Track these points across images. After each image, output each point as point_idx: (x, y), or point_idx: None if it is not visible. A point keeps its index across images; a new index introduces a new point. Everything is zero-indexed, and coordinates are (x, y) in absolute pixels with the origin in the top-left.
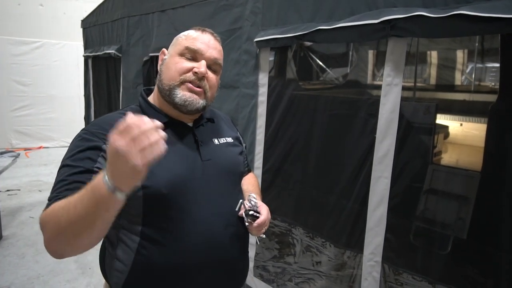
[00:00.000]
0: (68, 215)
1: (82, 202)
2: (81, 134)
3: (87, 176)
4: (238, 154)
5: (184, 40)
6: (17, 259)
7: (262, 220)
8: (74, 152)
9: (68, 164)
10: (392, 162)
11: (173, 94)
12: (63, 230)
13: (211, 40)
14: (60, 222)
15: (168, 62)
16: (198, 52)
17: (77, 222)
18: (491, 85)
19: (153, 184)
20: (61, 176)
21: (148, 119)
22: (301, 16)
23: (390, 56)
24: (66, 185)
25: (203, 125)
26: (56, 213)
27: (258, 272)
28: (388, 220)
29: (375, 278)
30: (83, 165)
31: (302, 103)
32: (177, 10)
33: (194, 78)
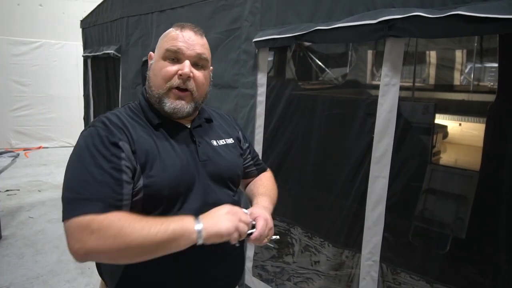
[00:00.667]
0: (144, 237)
1: (166, 233)
2: (95, 131)
3: (117, 176)
4: (238, 156)
5: (165, 42)
6: (16, 259)
7: (256, 236)
8: (94, 149)
9: (92, 163)
10: (390, 162)
11: (162, 103)
12: (127, 246)
13: (191, 37)
14: (129, 239)
15: (154, 68)
16: (179, 52)
17: (150, 248)
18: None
19: (153, 184)
20: (86, 175)
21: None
22: (300, 16)
23: (388, 56)
24: (98, 186)
25: (201, 125)
26: (122, 228)
27: (257, 271)
28: (386, 219)
29: (373, 278)
30: (111, 165)
31: (301, 103)
32: (176, 10)
33: (180, 82)
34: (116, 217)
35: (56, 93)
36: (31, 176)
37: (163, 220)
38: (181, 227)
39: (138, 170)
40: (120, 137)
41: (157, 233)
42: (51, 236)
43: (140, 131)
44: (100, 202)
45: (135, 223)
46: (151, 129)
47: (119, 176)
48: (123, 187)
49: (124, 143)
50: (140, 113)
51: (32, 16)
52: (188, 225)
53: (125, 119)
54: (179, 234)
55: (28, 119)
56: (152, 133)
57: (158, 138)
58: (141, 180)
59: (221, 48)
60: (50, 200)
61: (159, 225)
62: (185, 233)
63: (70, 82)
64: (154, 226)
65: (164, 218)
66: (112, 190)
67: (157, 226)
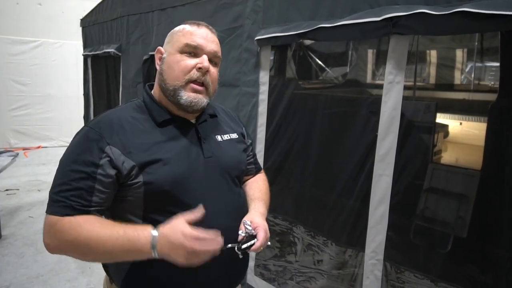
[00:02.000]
0: (98, 247)
1: (122, 248)
2: (86, 133)
3: (89, 183)
4: (242, 151)
5: (182, 36)
6: (16, 259)
7: (257, 247)
8: (78, 153)
9: (71, 166)
10: (393, 160)
11: (178, 95)
12: (82, 252)
13: (208, 34)
14: (84, 248)
15: (169, 60)
16: (199, 48)
17: (105, 257)
18: (491, 84)
19: (155, 181)
20: (64, 177)
21: (218, 240)
22: (302, 14)
23: (392, 54)
24: (70, 190)
25: (206, 121)
26: (80, 235)
27: (259, 271)
28: (390, 218)
29: (377, 277)
30: (86, 170)
31: (303, 101)
32: (177, 9)
33: (199, 75)
34: (77, 223)
35: (55, 93)
36: (30, 175)
37: (120, 233)
38: (135, 244)
39: (136, 169)
40: (110, 141)
41: (112, 247)
42: None
43: (141, 130)
44: (68, 206)
45: (93, 232)
46: (155, 126)
47: (91, 184)
48: (93, 194)
49: (113, 146)
50: (144, 110)
51: (31, 15)
52: (141, 242)
53: (124, 118)
54: (133, 247)
55: (27, 119)
56: (156, 130)
57: (162, 135)
58: (141, 177)
59: (223, 46)
60: None
61: (114, 239)
62: (139, 248)
63: (69, 82)
64: (110, 240)
65: (122, 231)
66: (81, 197)
67: (112, 240)
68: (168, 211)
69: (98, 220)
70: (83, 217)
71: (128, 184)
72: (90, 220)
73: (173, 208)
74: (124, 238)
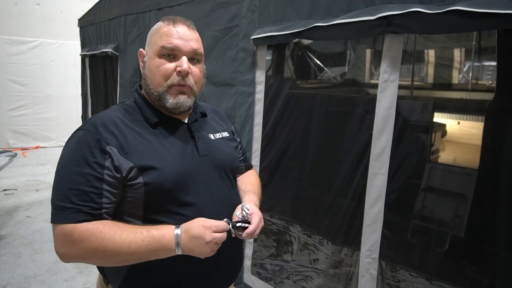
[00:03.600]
0: (123, 250)
1: (146, 248)
2: (83, 135)
3: (98, 185)
4: (234, 149)
5: (159, 38)
6: (14, 259)
7: (251, 230)
8: (79, 156)
9: (75, 170)
10: (389, 159)
11: (163, 100)
12: (108, 259)
13: (185, 32)
14: (109, 253)
15: (150, 65)
16: (176, 49)
17: (131, 259)
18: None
19: (155, 181)
20: (69, 183)
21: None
22: (298, 13)
23: (386, 53)
24: (78, 195)
25: (197, 120)
26: (103, 241)
27: (255, 270)
28: (385, 217)
29: (373, 275)
30: (92, 173)
31: (300, 101)
32: (174, 8)
33: (180, 79)
34: (98, 229)
35: (54, 93)
36: (29, 175)
37: (144, 234)
38: (160, 242)
39: (135, 170)
40: (109, 141)
41: (138, 248)
42: (49, 235)
43: (136, 131)
44: (79, 212)
45: (116, 236)
46: (148, 127)
47: (100, 185)
48: (102, 196)
49: (112, 147)
50: (136, 111)
51: (30, 15)
52: (166, 239)
53: (118, 119)
54: (159, 247)
55: (25, 119)
56: (149, 131)
57: (156, 135)
58: (141, 178)
59: (219, 45)
60: (47, 200)
61: (140, 240)
62: (164, 246)
63: (68, 82)
64: (135, 241)
65: (145, 232)
66: (91, 200)
67: (138, 242)
68: (168, 211)
69: (115, 224)
70: (101, 223)
71: (128, 185)
72: (108, 224)
73: (173, 208)
74: (150, 238)
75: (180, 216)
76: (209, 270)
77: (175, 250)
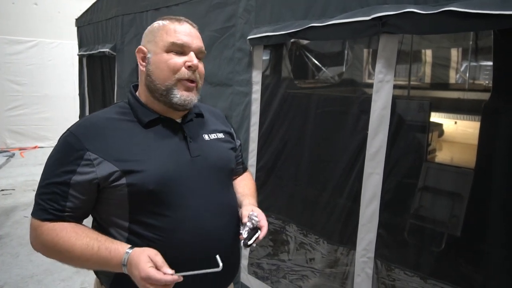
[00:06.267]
0: (73, 257)
1: (96, 263)
2: (66, 137)
3: (63, 189)
4: (229, 150)
5: (165, 34)
6: (11, 259)
7: (263, 236)
8: (57, 157)
9: (50, 170)
10: (384, 159)
11: (171, 94)
12: (60, 258)
13: (192, 30)
14: (61, 256)
15: (157, 61)
16: (185, 46)
17: (80, 264)
18: (485, 83)
19: (138, 182)
20: (44, 180)
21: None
22: (294, 13)
23: (381, 53)
24: (46, 194)
25: (192, 120)
26: (56, 243)
27: (252, 269)
28: (381, 216)
29: (368, 274)
30: (61, 176)
31: (296, 101)
32: (171, 8)
33: (190, 74)
34: (55, 231)
35: (52, 93)
36: (26, 175)
37: (95, 250)
38: (110, 267)
39: (118, 172)
40: (90, 147)
41: (87, 261)
42: None
43: (125, 132)
44: (44, 210)
45: (69, 243)
46: (140, 128)
47: (66, 189)
48: (67, 200)
49: (91, 152)
50: (129, 112)
51: (27, 14)
52: (114, 261)
53: (108, 120)
54: (107, 262)
55: (23, 119)
56: (140, 132)
57: (147, 136)
58: (124, 179)
59: (216, 46)
60: None
61: (89, 255)
62: (113, 264)
63: (65, 81)
64: (84, 255)
65: (96, 248)
66: (56, 201)
67: (87, 256)
68: (153, 212)
69: (75, 230)
70: (61, 225)
71: (111, 187)
72: (67, 229)
73: (158, 209)
74: (97, 256)
75: (167, 217)
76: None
77: (124, 271)
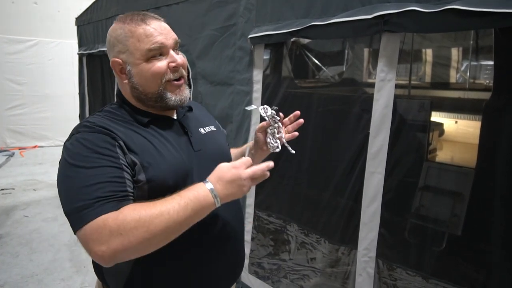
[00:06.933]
0: (167, 221)
1: (186, 210)
2: (82, 136)
3: (118, 174)
4: (224, 141)
5: (138, 42)
6: (11, 258)
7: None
8: (85, 154)
9: (89, 167)
10: (385, 158)
11: (165, 99)
12: (154, 235)
13: (161, 25)
14: (153, 228)
15: (139, 72)
16: (163, 47)
17: (175, 227)
18: (486, 82)
19: (158, 177)
20: (86, 181)
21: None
22: (295, 12)
23: (383, 52)
24: (101, 188)
25: (185, 115)
26: (140, 217)
27: (253, 269)
28: (382, 215)
29: (370, 274)
30: (109, 164)
31: (297, 100)
32: (171, 7)
33: (176, 74)
34: (129, 209)
35: (52, 92)
36: (26, 175)
37: (177, 199)
38: (197, 199)
39: (138, 166)
40: (113, 136)
41: (178, 213)
42: (46, 235)
43: (129, 130)
44: (108, 202)
45: (151, 209)
46: (140, 127)
47: (121, 174)
48: (126, 184)
49: (120, 140)
50: (124, 113)
51: (27, 14)
52: (201, 194)
53: (109, 120)
54: (198, 205)
55: (23, 118)
56: (143, 130)
57: (150, 134)
58: (143, 175)
59: (216, 45)
60: (45, 199)
61: (176, 204)
62: (202, 202)
63: (65, 81)
64: (172, 207)
65: (178, 196)
66: (117, 189)
67: (175, 206)
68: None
69: (142, 203)
70: (129, 205)
71: (133, 181)
72: (137, 204)
73: None
74: (184, 201)
75: None
76: (212, 276)
77: (215, 204)
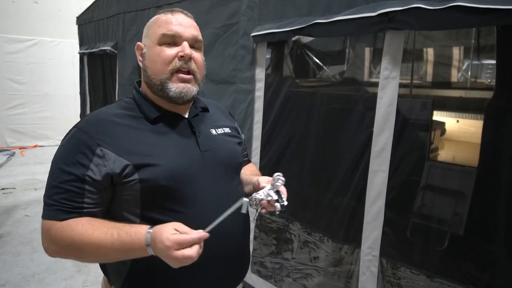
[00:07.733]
0: (93, 250)
1: (118, 251)
2: (75, 134)
3: (79, 185)
4: (237, 144)
5: (158, 27)
6: (12, 257)
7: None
8: (66, 155)
9: (60, 168)
10: (389, 156)
11: (166, 88)
12: (84, 258)
13: (184, 19)
14: (82, 254)
15: (150, 55)
16: (177, 36)
17: (104, 258)
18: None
19: (150, 177)
20: (55, 180)
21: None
22: (298, 10)
23: (387, 49)
24: (61, 193)
25: (198, 114)
26: (73, 240)
27: (255, 268)
28: (386, 214)
29: (373, 273)
30: (75, 172)
31: (299, 98)
32: (173, 6)
33: (182, 63)
34: (70, 227)
35: (52, 91)
36: (27, 174)
37: (115, 237)
38: (132, 244)
39: (130, 167)
40: (100, 142)
41: (107, 252)
42: None
43: (133, 127)
44: (60, 210)
45: (86, 235)
46: (147, 123)
47: (82, 186)
48: (84, 196)
49: (103, 148)
50: (135, 108)
51: (27, 13)
52: (136, 244)
53: (115, 116)
54: (130, 248)
55: (23, 118)
56: (148, 127)
57: (155, 132)
58: (136, 175)
59: (219, 43)
60: None
61: (109, 243)
62: (136, 248)
63: (66, 80)
64: (105, 244)
65: (116, 235)
66: (73, 200)
67: (108, 245)
68: (165, 208)
69: (90, 222)
70: (75, 220)
71: (123, 183)
72: (82, 222)
73: (170, 205)
74: (118, 243)
75: (179, 213)
76: (216, 273)
77: (148, 253)
